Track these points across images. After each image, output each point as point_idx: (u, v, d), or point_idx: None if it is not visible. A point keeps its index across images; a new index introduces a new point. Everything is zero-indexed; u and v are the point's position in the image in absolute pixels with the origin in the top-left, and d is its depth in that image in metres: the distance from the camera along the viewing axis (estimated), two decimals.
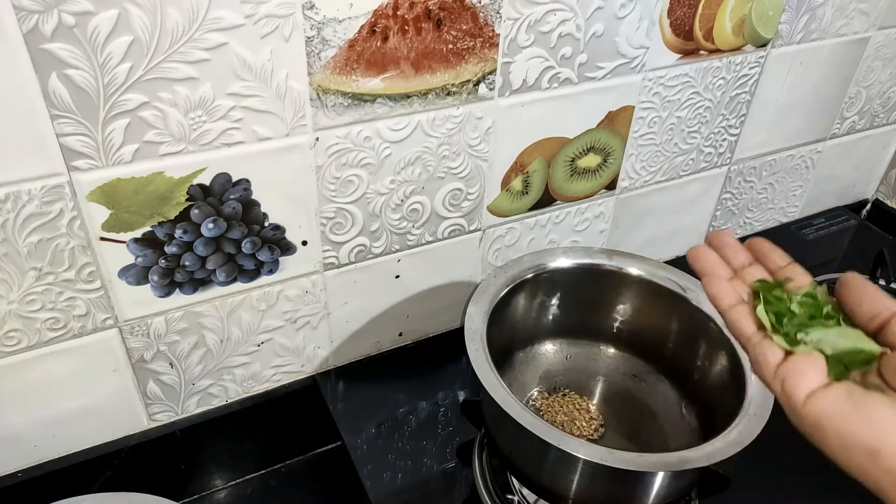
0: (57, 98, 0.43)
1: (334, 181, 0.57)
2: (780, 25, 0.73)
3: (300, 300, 0.63)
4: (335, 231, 0.60)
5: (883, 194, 1.04)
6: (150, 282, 0.54)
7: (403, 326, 0.72)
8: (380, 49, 0.52)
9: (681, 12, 0.65)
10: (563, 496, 0.53)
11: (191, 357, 0.60)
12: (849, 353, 0.32)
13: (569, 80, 0.63)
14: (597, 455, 0.47)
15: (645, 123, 0.72)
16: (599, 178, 0.73)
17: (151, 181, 0.49)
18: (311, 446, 0.71)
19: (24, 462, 0.58)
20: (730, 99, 0.76)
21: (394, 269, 0.66)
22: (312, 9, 0.48)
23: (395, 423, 0.66)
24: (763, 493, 0.62)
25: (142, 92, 0.45)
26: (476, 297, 0.59)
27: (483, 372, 0.52)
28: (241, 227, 0.55)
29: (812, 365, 0.32)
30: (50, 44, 0.41)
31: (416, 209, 0.63)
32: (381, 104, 0.55)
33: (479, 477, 0.61)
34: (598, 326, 0.68)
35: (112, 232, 0.50)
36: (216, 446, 0.67)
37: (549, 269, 0.64)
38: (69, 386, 0.56)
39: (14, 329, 0.51)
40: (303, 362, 0.68)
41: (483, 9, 0.54)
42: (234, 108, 0.49)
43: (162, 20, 0.43)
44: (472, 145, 0.62)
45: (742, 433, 0.48)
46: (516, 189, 0.68)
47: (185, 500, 0.66)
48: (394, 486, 0.60)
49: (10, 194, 0.45)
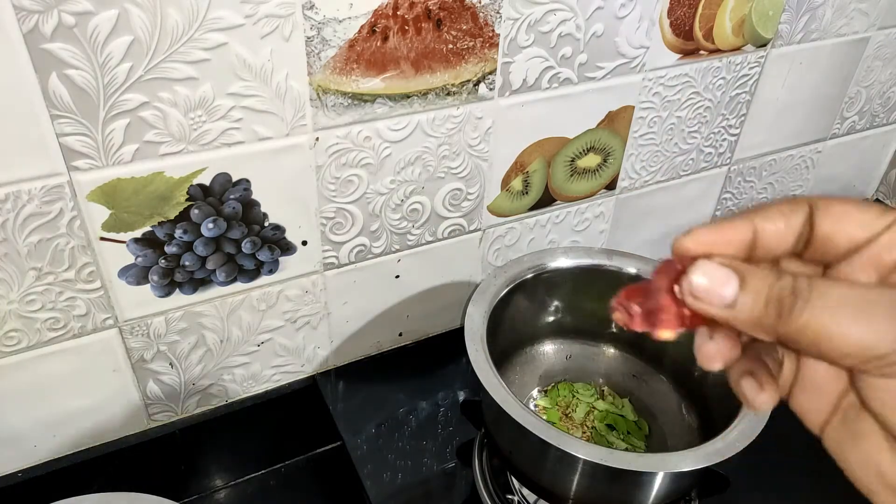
0: (57, 98, 0.43)
1: (334, 181, 0.57)
2: (780, 25, 0.73)
3: (300, 300, 0.63)
4: (335, 231, 0.60)
5: (883, 194, 1.04)
6: (150, 282, 0.54)
7: (403, 326, 0.72)
8: (380, 49, 0.52)
9: (681, 12, 0.65)
10: (563, 496, 0.53)
11: (191, 357, 0.60)
12: None
13: (569, 80, 0.63)
14: (597, 455, 0.47)
15: (645, 123, 0.72)
16: (599, 178, 0.73)
17: (151, 181, 0.49)
18: (311, 446, 0.71)
19: (24, 462, 0.58)
20: (730, 99, 0.76)
21: (394, 269, 0.66)
22: (312, 9, 0.48)
23: (395, 423, 0.66)
24: (763, 493, 0.62)
25: (142, 92, 0.45)
26: (476, 297, 0.59)
27: (483, 372, 0.52)
28: (241, 227, 0.55)
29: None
30: (50, 44, 0.41)
31: (416, 209, 0.63)
32: (381, 104, 0.55)
33: (479, 477, 0.61)
34: (598, 326, 0.68)
35: (112, 232, 0.50)
36: (216, 446, 0.67)
37: (549, 269, 0.64)
38: (69, 386, 0.56)
39: (14, 329, 0.51)
40: (303, 362, 0.68)
41: (483, 9, 0.54)
42: (234, 108, 0.49)
43: (162, 20, 0.43)
44: (472, 145, 0.62)
45: (742, 433, 0.48)
46: (516, 189, 0.68)
47: (185, 500, 0.66)
48: (394, 486, 0.60)
49: (10, 194, 0.45)
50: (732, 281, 0.24)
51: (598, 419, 0.65)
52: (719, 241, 0.25)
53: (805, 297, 0.22)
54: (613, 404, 0.66)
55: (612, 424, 0.64)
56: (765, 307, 0.23)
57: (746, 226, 0.25)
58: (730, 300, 0.24)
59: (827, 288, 0.22)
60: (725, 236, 0.25)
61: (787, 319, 0.22)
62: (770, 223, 0.25)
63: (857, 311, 0.21)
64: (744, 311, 0.23)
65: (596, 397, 0.67)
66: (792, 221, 0.25)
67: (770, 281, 0.23)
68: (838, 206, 0.25)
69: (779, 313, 0.23)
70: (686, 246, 0.25)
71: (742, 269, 0.24)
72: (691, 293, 0.24)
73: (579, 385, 0.68)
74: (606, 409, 0.66)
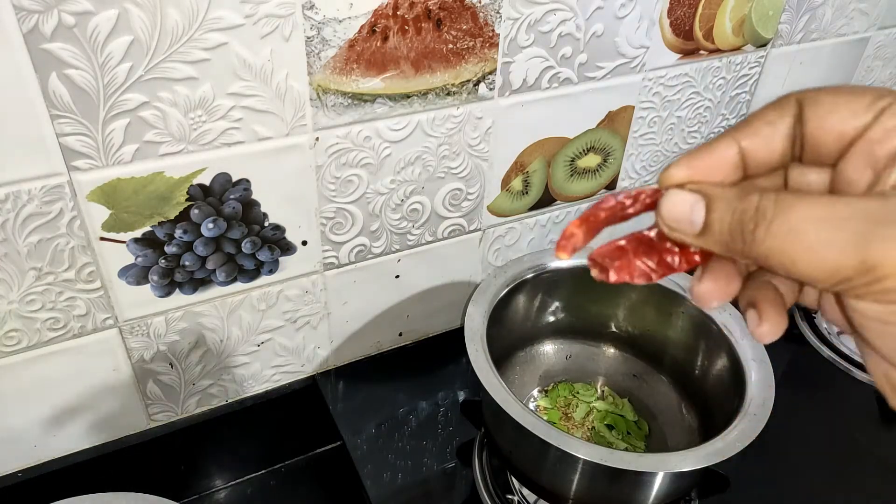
0: (57, 98, 0.43)
1: (334, 181, 0.57)
2: (780, 25, 0.73)
3: (300, 300, 0.63)
4: (335, 231, 0.60)
5: None
6: (150, 282, 0.54)
7: (403, 326, 0.72)
8: (380, 49, 0.52)
9: (681, 12, 0.65)
10: (563, 496, 0.53)
11: (191, 357, 0.60)
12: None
13: (569, 79, 0.63)
14: (597, 455, 0.47)
15: (645, 123, 0.72)
16: (599, 177, 0.73)
17: (151, 181, 0.49)
18: (311, 446, 0.71)
19: (24, 462, 0.58)
20: (730, 99, 0.76)
21: (394, 269, 0.66)
22: (312, 9, 0.48)
23: (395, 423, 0.66)
24: (763, 493, 0.62)
25: (142, 92, 0.45)
26: (476, 297, 0.59)
27: (483, 372, 0.52)
28: (241, 227, 0.55)
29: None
30: (50, 44, 0.41)
31: (416, 209, 0.63)
32: (381, 104, 0.55)
33: (479, 477, 0.61)
34: (598, 326, 0.68)
35: (112, 232, 0.50)
36: (216, 446, 0.67)
37: (549, 269, 0.64)
38: (69, 386, 0.56)
39: (14, 329, 0.51)
40: (303, 362, 0.68)
41: (483, 9, 0.54)
42: (234, 108, 0.49)
43: (162, 20, 0.43)
44: (472, 145, 0.62)
45: (742, 433, 0.48)
46: (516, 189, 0.68)
47: (185, 500, 0.66)
48: (394, 486, 0.60)
49: (10, 194, 0.45)
50: (699, 206, 0.22)
51: (598, 419, 0.65)
52: (704, 167, 0.24)
53: (768, 217, 0.20)
54: (613, 404, 0.66)
55: (611, 424, 0.64)
56: (729, 232, 0.21)
57: (729, 145, 0.23)
58: (699, 226, 0.22)
59: (791, 204, 0.20)
60: (709, 161, 0.24)
61: (750, 243, 0.21)
62: (753, 137, 0.23)
63: (819, 229, 0.19)
64: (713, 236, 0.22)
65: (596, 397, 0.67)
66: (779, 127, 0.23)
67: (734, 204, 0.21)
68: (827, 98, 0.22)
69: (742, 237, 0.21)
70: (670, 176, 0.24)
71: (708, 193, 0.22)
72: (664, 223, 0.24)
73: (579, 385, 0.68)
74: (606, 409, 0.66)
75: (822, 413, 0.70)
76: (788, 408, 0.61)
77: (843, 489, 0.63)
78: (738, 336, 0.57)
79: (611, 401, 0.67)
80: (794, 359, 0.76)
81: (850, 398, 0.72)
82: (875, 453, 0.65)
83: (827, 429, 0.68)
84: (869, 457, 0.65)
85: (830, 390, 0.73)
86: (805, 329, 0.79)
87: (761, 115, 0.24)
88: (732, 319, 0.58)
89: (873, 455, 0.65)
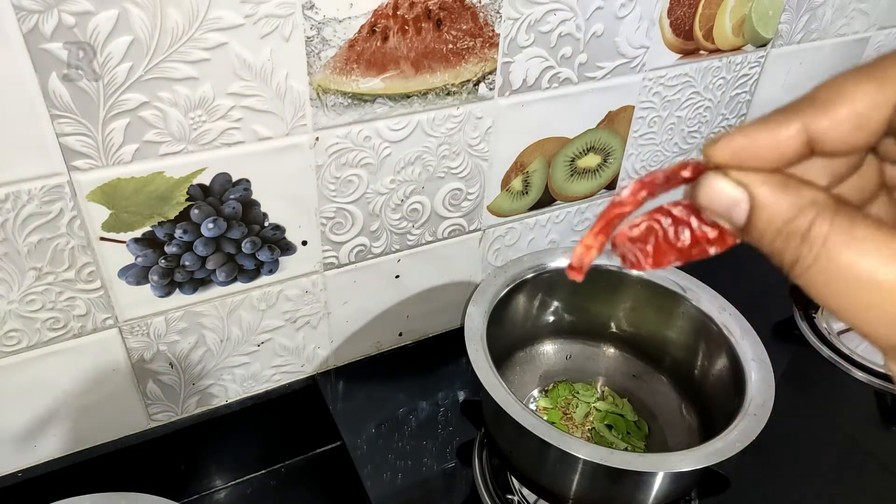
0: (57, 98, 0.43)
1: (334, 181, 0.57)
2: (780, 25, 0.73)
3: (300, 300, 0.63)
4: (335, 231, 0.60)
5: None
6: (150, 282, 0.54)
7: (403, 326, 0.72)
8: (380, 49, 0.52)
9: (681, 12, 0.65)
10: (563, 496, 0.53)
11: (191, 357, 0.60)
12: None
13: (569, 79, 0.63)
14: (597, 455, 0.47)
15: (645, 123, 0.72)
16: (599, 177, 0.73)
17: (151, 181, 0.49)
18: (311, 446, 0.71)
19: (24, 462, 0.58)
20: (730, 99, 0.76)
21: (394, 268, 0.66)
22: (312, 9, 0.48)
23: (395, 423, 0.66)
24: (763, 493, 0.62)
25: (142, 92, 0.45)
26: (476, 297, 0.59)
27: (483, 372, 0.52)
28: (241, 226, 0.55)
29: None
30: (50, 44, 0.41)
31: (416, 209, 0.63)
32: (381, 104, 0.55)
33: (479, 477, 0.61)
34: (598, 326, 0.68)
35: (112, 232, 0.50)
36: (216, 446, 0.67)
37: (549, 269, 0.64)
38: (69, 386, 0.56)
39: (14, 329, 0.51)
40: (303, 362, 0.68)
41: (483, 9, 0.54)
42: (234, 108, 0.49)
43: (162, 20, 0.43)
44: (472, 145, 0.62)
45: (742, 433, 0.48)
46: (516, 189, 0.68)
47: (185, 500, 0.66)
48: (394, 486, 0.60)
49: (10, 194, 0.45)
50: (741, 206, 0.19)
51: (598, 419, 0.65)
52: (755, 150, 0.19)
53: (816, 248, 0.17)
54: (613, 404, 0.66)
55: (611, 424, 0.64)
56: (769, 247, 0.18)
57: (792, 125, 0.18)
58: (740, 224, 0.19)
59: (848, 231, 0.16)
60: (765, 141, 0.19)
61: (791, 269, 0.18)
62: (828, 117, 0.18)
63: (872, 287, 0.16)
64: (753, 241, 0.19)
65: (596, 397, 0.67)
66: (868, 104, 0.17)
67: (782, 215, 0.18)
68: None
69: (782, 260, 0.18)
70: (715, 152, 0.20)
71: (753, 194, 0.18)
72: (701, 206, 0.20)
73: (579, 385, 0.68)
74: (606, 409, 0.66)
75: (822, 413, 0.70)
76: (788, 408, 0.62)
77: (843, 489, 0.63)
78: (738, 336, 0.57)
79: (611, 401, 0.67)
80: (794, 359, 0.76)
81: (850, 398, 0.72)
82: (875, 453, 0.65)
83: (827, 429, 0.68)
84: (869, 457, 0.65)
85: (830, 390, 0.73)
86: (805, 329, 0.79)
87: (841, 83, 0.18)
88: (732, 319, 0.58)
89: (873, 455, 0.65)
